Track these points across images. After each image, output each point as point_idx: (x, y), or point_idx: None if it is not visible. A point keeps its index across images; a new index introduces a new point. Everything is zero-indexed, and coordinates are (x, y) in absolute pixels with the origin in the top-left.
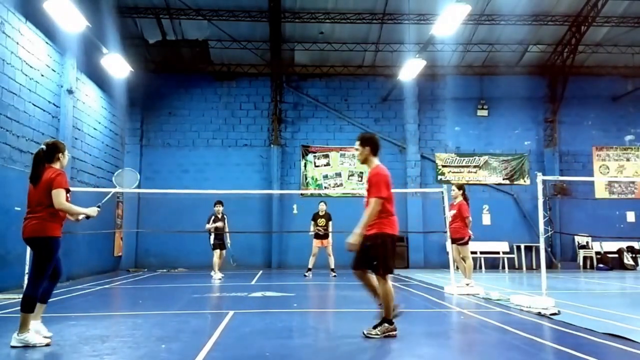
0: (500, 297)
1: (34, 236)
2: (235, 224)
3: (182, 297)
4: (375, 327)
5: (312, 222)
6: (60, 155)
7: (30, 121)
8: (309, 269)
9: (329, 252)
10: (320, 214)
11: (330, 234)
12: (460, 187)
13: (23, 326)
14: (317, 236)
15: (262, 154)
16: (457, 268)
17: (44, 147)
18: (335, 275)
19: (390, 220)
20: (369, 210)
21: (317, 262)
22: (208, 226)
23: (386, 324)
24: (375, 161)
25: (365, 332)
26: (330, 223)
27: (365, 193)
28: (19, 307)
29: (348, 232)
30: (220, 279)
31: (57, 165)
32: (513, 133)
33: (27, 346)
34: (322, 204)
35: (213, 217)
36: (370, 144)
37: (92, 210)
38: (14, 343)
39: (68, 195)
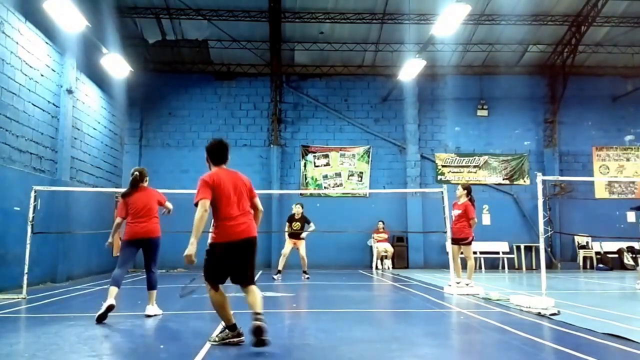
0: (500, 297)
1: (157, 236)
2: None
3: (181, 297)
4: (219, 334)
5: (287, 224)
6: (147, 177)
7: (29, 121)
8: (279, 271)
9: (302, 254)
10: (296, 217)
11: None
12: (465, 187)
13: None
14: (292, 235)
15: (262, 154)
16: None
17: (137, 173)
18: (308, 277)
19: (220, 227)
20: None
21: (309, 263)
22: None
23: (227, 331)
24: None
25: (209, 338)
26: (308, 226)
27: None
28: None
29: (349, 231)
30: None
31: (146, 184)
32: (513, 133)
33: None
34: (297, 206)
35: None
36: (207, 153)
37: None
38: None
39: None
